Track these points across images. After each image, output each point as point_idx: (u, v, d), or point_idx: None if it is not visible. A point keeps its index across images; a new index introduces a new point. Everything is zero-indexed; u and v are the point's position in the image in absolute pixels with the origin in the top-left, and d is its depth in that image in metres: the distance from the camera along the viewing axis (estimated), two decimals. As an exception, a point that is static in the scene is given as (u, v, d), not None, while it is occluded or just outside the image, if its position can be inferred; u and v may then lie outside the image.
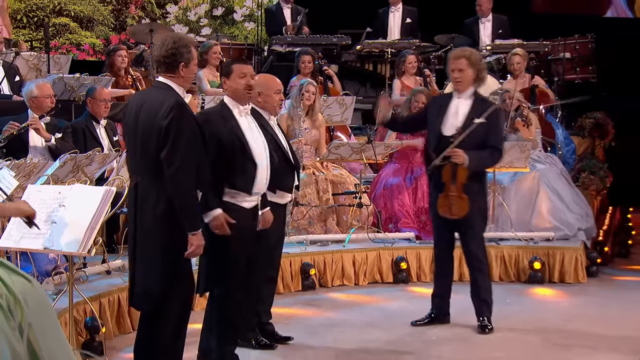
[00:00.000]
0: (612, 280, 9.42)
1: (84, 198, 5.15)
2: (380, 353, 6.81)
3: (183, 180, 5.32)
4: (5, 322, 4.08)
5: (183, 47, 5.57)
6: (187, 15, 15.86)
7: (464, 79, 7.22)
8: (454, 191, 7.15)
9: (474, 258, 7.38)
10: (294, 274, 8.71)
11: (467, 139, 7.09)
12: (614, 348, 6.94)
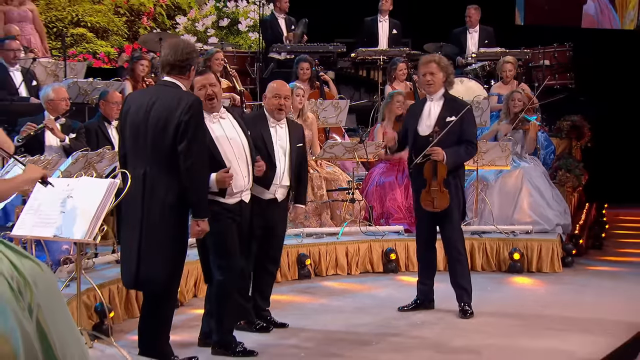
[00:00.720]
0: (586, 270, 9.39)
1: (90, 189, 5.15)
2: (367, 335, 6.75)
3: (199, 172, 5.43)
4: (15, 302, 4.04)
5: (194, 53, 5.75)
6: (195, 26, 15.84)
7: (434, 82, 7.28)
8: (435, 186, 7.18)
9: (453, 248, 7.38)
10: (290, 264, 8.69)
11: (444, 137, 7.11)
12: (586, 330, 6.93)
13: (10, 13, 12.73)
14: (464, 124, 7.22)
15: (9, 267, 4.02)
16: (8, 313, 3.96)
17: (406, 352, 6.38)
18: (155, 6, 15.73)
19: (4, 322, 3.94)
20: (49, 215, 5.08)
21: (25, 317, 4.02)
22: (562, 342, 6.56)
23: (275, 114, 6.72)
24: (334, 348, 6.40)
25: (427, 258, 7.52)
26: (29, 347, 3.99)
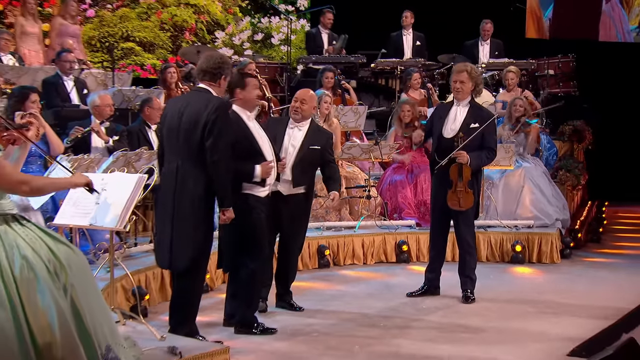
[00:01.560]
0: (582, 261, 9.33)
1: (121, 183, 5.23)
2: (376, 317, 6.79)
3: (224, 166, 5.55)
4: (52, 282, 4.08)
5: (226, 64, 5.89)
6: (232, 40, 15.79)
7: (463, 89, 7.23)
8: (461, 187, 7.16)
9: (465, 242, 7.38)
10: (311, 255, 8.69)
11: (471, 142, 7.11)
12: (576, 314, 6.93)
13: (65, 28, 12.92)
14: (486, 132, 7.20)
15: (47, 252, 4.07)
16: (45, 292, 4.01)
17: (409, 332, 6.41)
18: (197, 22, 15.64)
19: (42, 300, 3.98)
20: (85, 206, 5.16)
21: (61, 295, 4.06)
22: (553, 325, 6.55)
23: (291, 115, 6.82)
24: (344, 328, 6.45)
25: (438, 249, 7.53)
26: (63, 321, 4.02)
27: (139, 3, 15.59)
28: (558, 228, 9.33)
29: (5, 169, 4.11)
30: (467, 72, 7.20)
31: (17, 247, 4.02)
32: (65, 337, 4.03)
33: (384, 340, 6.14)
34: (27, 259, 4.00)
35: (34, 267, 4.00)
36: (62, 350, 4.00)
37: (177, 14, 15.55)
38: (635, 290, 7.67)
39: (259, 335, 6.08)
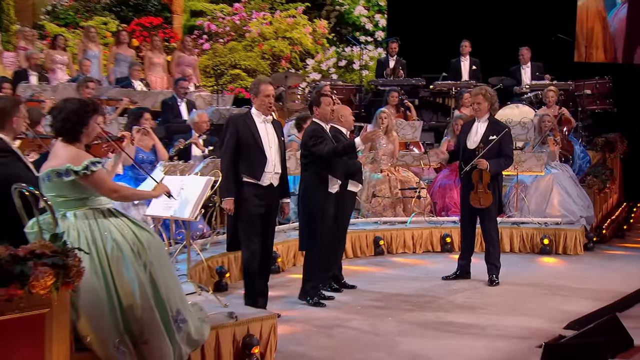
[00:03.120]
0: (604, 253, 9.19)
1: (194, 184, 5.53)
2: (413, 296, 6.96)
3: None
4: (135, 260, 4.38)
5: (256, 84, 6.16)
6: (320, 66, 15.82)
7: (480, 109, 7.38)
8: (481, 189, 7.29)
9: (489, 235, 7.49)
10: (368, 244, 8.79)
11: (487, 151, 7.27)
12: (582, 296, 6.98)
13: (183, 59, 13.49)
14: (502, 142, 7.31)
15: (132, 237, 4.42)
16: (130, 267, 4.35)
17: (435, 306, 6.60)
18: (291, 52, 15.69)
19: (127, 273, 4.33)
20: (169, 202, 5.40)
21: (141, 270, 4.38)
22: (560, 304, 6.67)
23: (350, 125, 7.12)
24: (383, 303, 6.69)
25: (468, 241, 7.63)
26: (142, 290, 4.35)
27: (245, 37, 15.83)
28: (583, 225, 9.24)
29: (105, 180, 4.47)
30: (482, 94, 7.35)
31: (110, 232, 4.37)
32: (144, 302, 4.34)
33: (413, 312, 6.38)
34: (116, 242, 4.35)
35: (121, 248, 4.35)
36: (141, 312, 4.33)
37: (275, 46, 15.64)
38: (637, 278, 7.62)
39: (311, 306, 6.41)
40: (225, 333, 4.87)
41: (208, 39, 15.94)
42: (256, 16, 16.10)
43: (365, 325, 6.00)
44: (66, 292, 4.00)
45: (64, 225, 4.33)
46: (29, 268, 3.80)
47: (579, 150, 10.88)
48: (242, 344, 4.92)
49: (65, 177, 4.32)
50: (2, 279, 3.75)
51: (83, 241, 4.30)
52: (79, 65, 11.78)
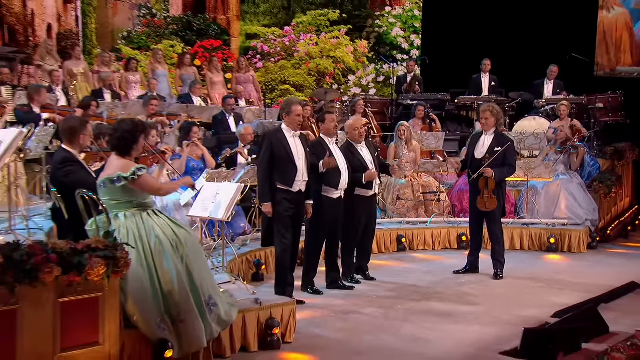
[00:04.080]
0: (606, 252, 9.13)
1: (227, 190, 5.84)
2: (424, 287, 7.06)
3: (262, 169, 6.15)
4: (174, 253, 4.68)
5: (288, 104, 6.40)
6: (361, 82, 15.92)
7: (488, 124, 7.49)
8: (487, 194, 7.41)
9: (494, 234, 7.57)
10: (392, 241, 8.91)
11: (494, 161, 7.38)
12: (576, 289, 6.99)
13: (239, 77, 13.86)
14: (507, 153, 7.42)
15: (171, 233, 4.76)
16: (169, 259, 4.69)
17: (442, 297, 6.73)
18: (335, 69, 15.88)
19: (167, 264, 4.67)
20: (207, 204, 5.85)
21: (179, 262, 4.72)
22: (554, 297, 6.70)
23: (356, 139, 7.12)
24: (395, 293, 6.86)
25: (476, 239, 7.74)
26: (180, 278, 4.68)
27: (294, 57, 16.11)
28: (587, 226, 9.25)
29: (151, 181, 4.88)
30: (490, 111, 7.46)
31: (153, 230, 4.73)
32: (181, 288, 4.69)
33: (421, 302, 6.54)
34: (159, 238, 4.71)
35: (162, 243, 4.70)
36: (178, 296, 4.67)
37: (320, 64, 15.85)
38: (632, 274, 7.58)
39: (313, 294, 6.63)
40: (250, 316, 5.18)
41: (261, 59, 16.33)
42: (304, 38, 16.38)
43: (377, 311, 6.22)
44: (116, 280, 4.38)
45: (116, 224, 4.71)
46: (86, 259, 4.20)
47: (589, 158, 10.83)
48: (265, 325, 5.21)
49: (117, 183, 4.72)
50: (64, 268, 4.14)
51: (131, 237, 4.66)
52: (148, 83, 12.26)
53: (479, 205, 7.49)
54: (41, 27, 14.10)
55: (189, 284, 4.76)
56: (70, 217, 5.18)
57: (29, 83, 11.57)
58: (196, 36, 16.32)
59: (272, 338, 5.21)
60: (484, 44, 13.23)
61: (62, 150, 5.38)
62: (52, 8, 14.39)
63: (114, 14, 16.27)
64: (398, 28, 16.78)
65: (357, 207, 7.06)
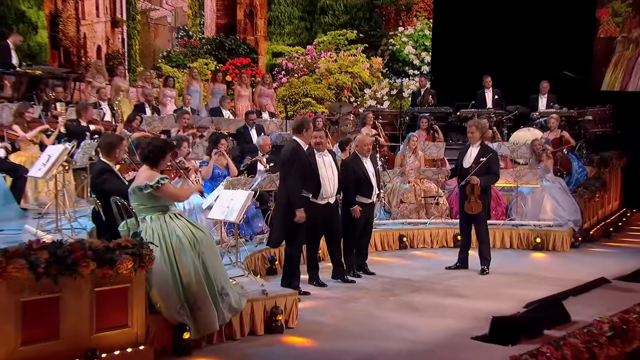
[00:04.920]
0: (588, 251, 9.18)
1: (240, 196, 6.12)
2: (417, 281, 7.27)
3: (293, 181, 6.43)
4: (192, 250, 5.03)
5: (306, 122, 6.67)
6: (376, 94, 16.14)
7: (473, 137, 7.78)
8: (473, 199, 7.67)
9: (480, 235, 7.82)
10: (394, 240, 9.09)
11: (479, 169, 7.64)
12: (552, 284, 7.08)
13: (263, 91, 14.25)
14: (490, 163, 7.66)
15: (190, 234, 5.12)
16: (188, 255, 5.04)
17: (430, 288, 7.00)
18: (352, 83, 16.13)
19: (185, 259, 5.03)
20: (223, 209, 6.13)
21: (196, 258, 5.07)
22: (530, 291, 6.77)
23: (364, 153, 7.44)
24: (390, 286, 7.08)
25: (465, 239, 7.98)
26: (196, 271, 5.04)
27: (315, 72, 16.43)
28: (571, 227, 9.37)
29: (172, 189, 5.25)
30: (475, 125, 7.74)
31: (174, 230, 5.11)
32: (197, 280, 5.06)
33: (411, 294, 6.78)
34: (179, 237, 5.08)
35: (182, 242, 5.07)
36: (195, 287, 5.04)
37: (339, 78, 16.12)
38: (607, 271, 7.66)
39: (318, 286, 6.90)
40: (258, 305, 5.50)
41: (286, 74, 16.72)
42: (324, 55, 16.69)
43: (372, 302, 6.51)
44: (142, 273, 4.77)
45: (143, 226, 5.12)
46: (117, 256, 4.60)
47: (577, 165, 11.00)
48: (270, 312, 5.51)
49: (145, 190, 5.13)
50: (98, 262, 4.56)
51: (155, 237, 5.06)
52: (183, 98, 12.75)
53: (466, 209, 7.74)
54: (92, 48, 14.70)
55: (204, 277, 5.11)
56: (107, 219, 5.60)
57: (80, 99, 12.16)
58: (228, 55, 16.76)
59: (276, 324, 5.52)
60: (487, 61, 13.41)
61: (101, 162, 5.83)
62: (102, 32, 14.99)
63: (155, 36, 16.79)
64: (410, 46, 16.99)
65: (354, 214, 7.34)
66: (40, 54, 13.27)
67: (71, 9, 14.20)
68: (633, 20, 14.14)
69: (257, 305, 5.53)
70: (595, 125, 12.37)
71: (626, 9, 14.16)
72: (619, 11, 14.27)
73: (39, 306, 4.33)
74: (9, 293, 4.22)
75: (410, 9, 17.64)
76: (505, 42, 13.63)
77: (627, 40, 14.29)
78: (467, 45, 14.11)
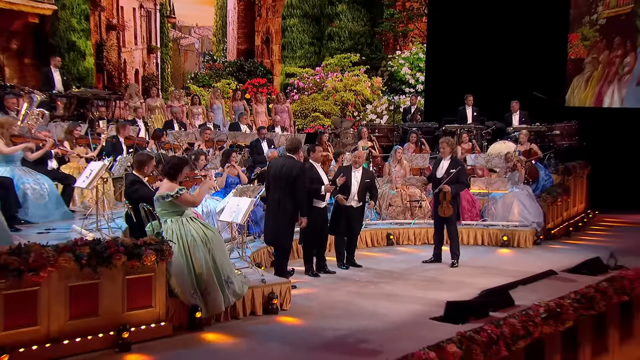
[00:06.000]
0: (547, 247, 9.36)
1: (244, 203, 6.64)
2: (396, 272, 7.63)
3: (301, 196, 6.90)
4: (203, 247, 5.50)
5: (300, 144, 7.13)
6: (376, 109, 16.52)
7: (444, 151, 8.23)
8: (445, 204, 8.11)
9: (451, 234, 8.22)
10: (382, 238, 9.38)
11: (450, 179, 8.09)
12: (509, 275, 7.38)
13: (277, 108, 14.85)
14: (459, 173, 8.12)
15: (202, 233, 5.64)
16: (200, 251, 5.56)
17: (407, 279, 7.40)
18: (355, 100, 16.70)
19: (198, 254, 5.55)
20: (231, 212, 6.65)
21: (207, 253, 5.58)
22: (489, 280, 7.11)
23: (355, 166, 7.97)
24: (372, 277, 7.49)
25: (438, 237, 8.40)
26: (207, 264, 5.56)
27: (323, 90, 17.02)
28: (534, 227, 9.70)
29: (188, 197, 5.77)
30: (446, 142, 8.22)
31: (189, 230, 5.65)
32: (207, 271, 5.58)
33: (389, 284, 7.20)
34: (193, 236, 5.63)
35: (196, 240, 5.61)
36: (206, 276, 5.57)
37: (344, 95, 16.69)
38: (558, 264, 7.91)
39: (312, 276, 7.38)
40: (257, 291, 6.00)
41: (297, 92, 17.30)
42: (331, 76, 17.25)
43: (354, 289, 6.96)
44: (163, 264, 5.34)
45: (165, 227, 5.70)
46: (143, 251, 5.19)
47: (544, 174, 11.29)
48: (267, 297, 6.01)
49: (166, 199, 5.75)
50: (128, 256, 5.14)
51: (174, 236, 5.63)
52: (207, 115, 13.39)
53: (439, 212, 8.22)
54: (130, 72, 15.49)
55: (213, 268, 5.65)
56: (137, 221, 6.24)
57: (120, 116, 12.90)
58: (247, 76, 17.42)
59: (272, 306, 6.02)
60: (471, 82, 13.75)
61: (132, 174, 6.50)
62: (139, 57, 15.76)
63: (185, 60, 17.54)
64: (406, 67, 17.44)
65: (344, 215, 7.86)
66: (87, 77, 14.07)
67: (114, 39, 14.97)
68: (600, 44, 14.49)
69: (256, 291, 6.04)
70: (563, 139, 12.61)
71: (594, 34, 14.52)
72: (588, 36, 14.63)
73: (82, 290, 4.93)
74: (59, 279, 4.86)
75: (406, 35, 18.17)
76: (487, 65, 13.99)
77: (596, 61, 14.66)
78: (455, 67, 14.50)
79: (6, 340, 4.57)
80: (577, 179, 11.86)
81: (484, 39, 14.30)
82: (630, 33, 13.94)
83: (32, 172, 7.87)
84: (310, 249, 7.54)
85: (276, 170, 7.06)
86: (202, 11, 17.93)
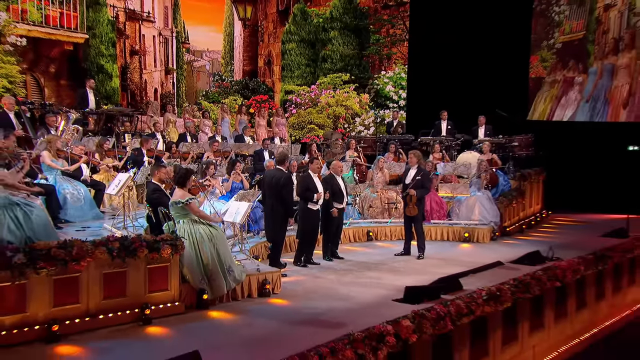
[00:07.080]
0: (502, 242, 9.73)
1: (243, 207, 7.23)
2: (371, 263, 8.12)
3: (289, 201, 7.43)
4: (209, 242, 6.03)
5: (286, 157, 7.67)
6: (364, 122, 16.81)
7: (412, 161, 8.84)
8: (411, 205, 8.65)
9: (417, 231, 8.73)
10: (363, 234, 9.87)
11: (415, 184, 8.65)
12: (464, 265, 7.76)
13: (277, 120, 15.35)
14: (423, 180, 8.70)
15: (208, 232, 6.24)
16: (206, 245, 6.14)
17: (379, 269, 7.87)
18: (346, 114, 17.10)
19: (205, 248, 6.13)
20: (233, 214, 7.23)
21: (212, 247, 6.16)
22: (446, 270, 7.53)
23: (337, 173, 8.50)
24: (350, 267, 8.00)
25: (408, 234, 8.94)
26: (212, 256, 6.13)
27: (317, 105, 17.46)
28: (492, 225, 10.24)
29: (195, 207, 6.34)
30: (414, 154, 8.83)
31: (198, 229, 6.25)
32: (213, 261, 6.17)
33: (362, 272, 7.76)
34: (201, 234, 6.22)
35: (203, 237, 6.21)
36: (211, 266, 6.16)
37: (336, 110, 17.12)
38: (506, 256, 8.31)
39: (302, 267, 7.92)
40: (253, 278, 6.57)
41: (295, 107, 17.83)
42: (324, 92, 17.71)
43: (334, 277, 7.47)
44: (177, 256, 5.95)
45: (178, 227, 6.33)
46: (161, 245, 5.84)
47: (502, 180, 11.84)
48: (261, 283, 6.58)
49: (178, 205, 6.40)
50: (149, 249, 5.77)
51: (186, 234, 6.24)
52: (215, 128, 14.05)
53: (406, 212, 8.81)
54: (150, 90, 16.19)
55: (217, 259, 6.26)
56: (156, 222, 6.93)
57: (141, 129, 13.59)
58: (251, 93, 17.99)
59: (265, 290, 6.58)
60: (447, 98, 14.31)
61: (152, 182, 7.21)
62: (158, 77, 16.45)
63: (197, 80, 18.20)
64: (390, 85, 17.91)
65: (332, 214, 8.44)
66: (114, 96, 14.79)
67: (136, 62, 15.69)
68: (557, 65, 15.15)
69: (252, 278, 6.61)
70: (521, 149, 13.12)
71: (551, 56, 15.16)
72: (546, 58, 15.27)
73: (113, 276, 5.56)
74: (96, 268, 5.51)
75: (390, 57, 18.64)
76: (460, 83, 14.52)
77: (553, 80, 15.31)
78: (433, 85, 15.01)
79: (56, 314, 5.26)
80: (533, 184, 12.34)
81: (457, 60, 14.88)
82: (582, 56, 14.64)
83: (70, 179, 8.58)
84: (303, 245, 8.08)
85: (269, 180, 7.67)
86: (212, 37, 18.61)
